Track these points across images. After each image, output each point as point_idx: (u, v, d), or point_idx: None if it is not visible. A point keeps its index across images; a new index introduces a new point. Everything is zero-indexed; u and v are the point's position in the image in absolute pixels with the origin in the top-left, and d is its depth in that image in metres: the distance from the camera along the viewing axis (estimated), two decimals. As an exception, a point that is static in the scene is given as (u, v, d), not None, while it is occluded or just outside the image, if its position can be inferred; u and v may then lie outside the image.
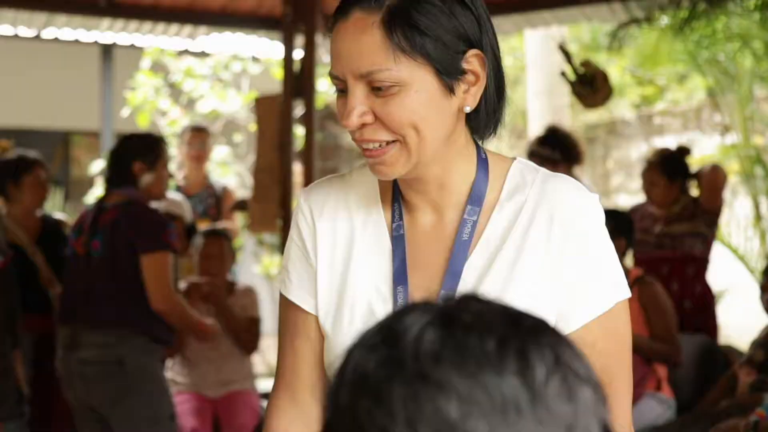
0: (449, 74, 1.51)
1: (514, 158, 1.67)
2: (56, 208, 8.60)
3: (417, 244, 1.64)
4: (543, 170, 1.64)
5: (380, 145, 1.54)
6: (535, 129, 9.88)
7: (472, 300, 0.90)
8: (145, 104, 7.98)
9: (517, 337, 0.85)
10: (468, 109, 1.55)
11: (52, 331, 4.87)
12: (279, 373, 1.76)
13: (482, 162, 1.63)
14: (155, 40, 7.77)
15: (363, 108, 1.52)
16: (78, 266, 4.29)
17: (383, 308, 1.63)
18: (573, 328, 1.58)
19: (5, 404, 4.22)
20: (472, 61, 1.53)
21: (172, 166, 5.70)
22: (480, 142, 1.65)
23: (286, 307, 1.73)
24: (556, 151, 5.70)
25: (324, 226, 1.69)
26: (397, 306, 1.61)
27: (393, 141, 1.53)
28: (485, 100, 1.57)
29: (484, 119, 1.60)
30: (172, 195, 5.96)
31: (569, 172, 5.77)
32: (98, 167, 8.22)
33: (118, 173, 4.35)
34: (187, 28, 7.18)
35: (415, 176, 1.60)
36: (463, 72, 1.53)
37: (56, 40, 7.81)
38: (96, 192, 8.17)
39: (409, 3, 1.49)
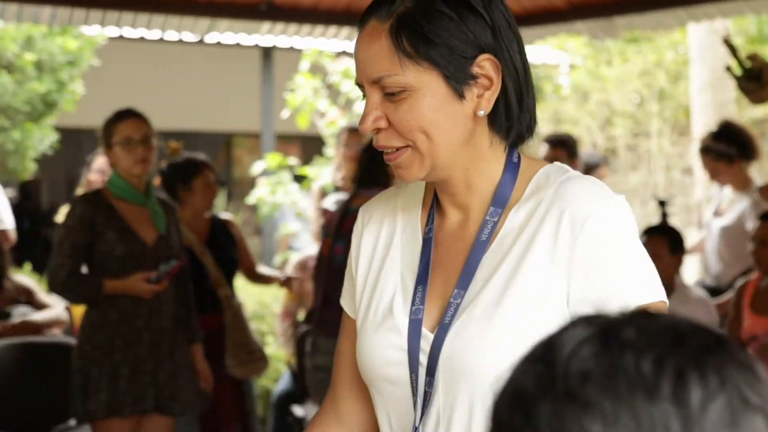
0: (458, 79, 1.56)
1: (553, 163, 1.68)
2: (219, 209, 8.81)
3: (443, 244, 1.69)
4: (572, 173, 1.64)
5: (393, 150, 1.60)
6: (700, 125, 9.61)
7: (640, 315, 0.86)
8: (304, 105, 8.08)
9: (678, 357, 0.80)
10: (482, 113, 1.58)
11: (220, 330, 4.98)
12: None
13: (512, 165, 1.65)
14: (314, 42, 7.86)
15: (377, 113, 1.58)
16: (321, 269, 4.33)
17: (403, 308, 1.67)
18: None
19: (178, 401, 4.32)
20: (484, 65, 1.57)
21: (331, 167, 5.74)
22: (508, 145, 1.66)
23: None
24: (732, 146, 5.55)
25: (368, 235, 1.77)
26: (414, 305, 1.66)
27: (405, 146, 1.59)
28: (504, 104, 1.61)
29: (503, 123, 1.62)
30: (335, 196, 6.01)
31: (744, 168, 5.60)
32: (259, 168, 8.37)
33: (369, 173, 4.34)
34: (345, 30, 7.24)
35: (440, 179, 1.65)
36: (474, 77, 1.57)
37: (218, 44, 8.00)
38: (258, 192, 8.32)
39: (416, 11, 1.56)
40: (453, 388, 1.60)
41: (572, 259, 1.56)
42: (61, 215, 5.82)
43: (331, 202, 5.46)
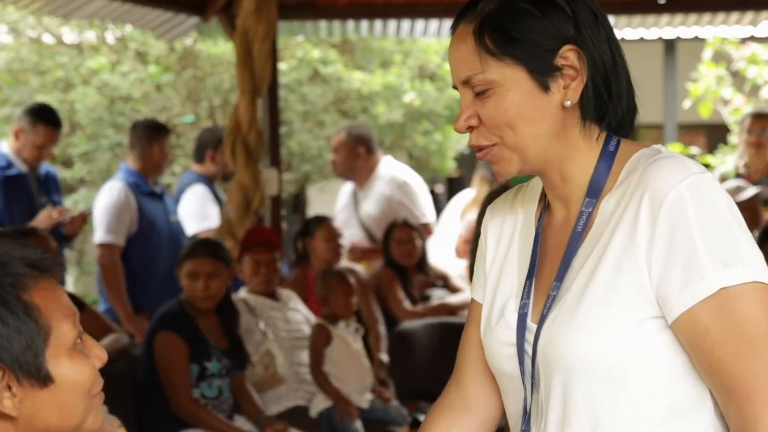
0: (542, 72, 1.58)
1: (650, 146, 1.65)
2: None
3: (550, 238, 1.69)
4: (662, 154, 1.61)
5: (484, 148, 1.64)
6: None
7: None
8: (707, 94, 8.08)
9: None
10: (569, 104, 1.59)
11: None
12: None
13: (607, 154, 1.64)
14: (716, 30, 7.85)
15: (469, 112, 1.62)
16: None
17: (514, 304, 1.69)
18: (676, 314, 1.53)
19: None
20: (568, 56, 1.58)
21: (735, 154, 5.73)
22: (607, 133, 1.66)
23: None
24: None
25: (492, 232, 1.79)
26: (522, 299, 1.68)
27: (492, 144, 1.62)
28: (594, 92, 1.60)
29: (594, 112, 1.62)
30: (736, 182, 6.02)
31: None
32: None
33: None
34: (749, 15, 7.19)
35: (535, 172, 1.67)
36: (559, 68, 1.59)
37: (622, 40, 8.20)
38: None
39: (498, 10, 1.60)
40: (549, 378, 1.61)
41: (653, 243, 1.53)
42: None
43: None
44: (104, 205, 5.72)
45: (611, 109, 1.63)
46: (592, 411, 1.57)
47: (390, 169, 6.42)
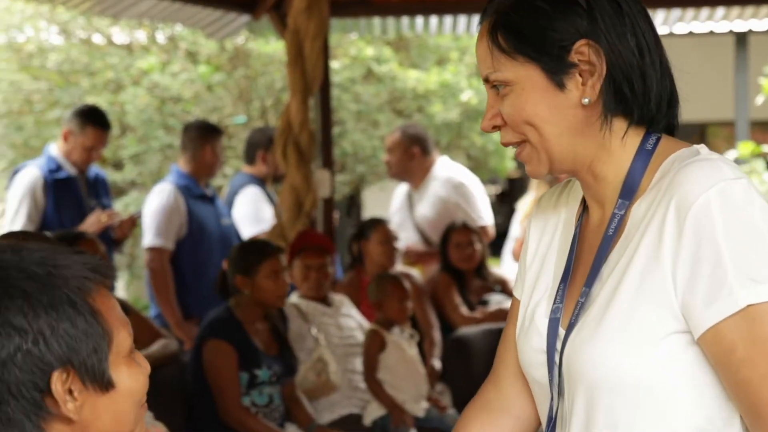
0: (555, 70, 1.54)
1: (691, 146, 1.57)
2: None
3: (586, 241, 1.64)
4: (700, 156, 1.52)
5: (515, 147, 1.61)
6: None
7: None
8: (778, 90, 7.84)
9: None
10: (587, 101, 1.54)
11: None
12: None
13: (644, 152, 1.57)
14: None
15: (493, 111, 1.60)
16: None
17: (545, 309, 1.64)
18: (701, 331, 1.46)
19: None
20: (583, 51, 1.53)
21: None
22: (646, 131, 1.59)
23: None
24: None
25: (534, 230, 1.75)
26: (555, 303, 1.62)
27: (522, 141, 1.59)
28: (613, 88, 1.54)
29: (617, 108, 1.56)
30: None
31: None
32: (731, 156, 8.22)
33: None
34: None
35: (565, 171, 1.62)
36: (574, 65, 1.54)
37: (690, 33, 7.98)
38: None
39: (509, 8, 1.57)
40: (573, 389, 1.56)
41: (678, 254, 1.46)
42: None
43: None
44: (153, 208, 5.68)
45: (637, 105, 1.57)
46: (612, 425, 1.54)
47: (446, 169, 6.32)
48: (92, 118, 5.61)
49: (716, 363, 1.48)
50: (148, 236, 5.66)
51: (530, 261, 1.73)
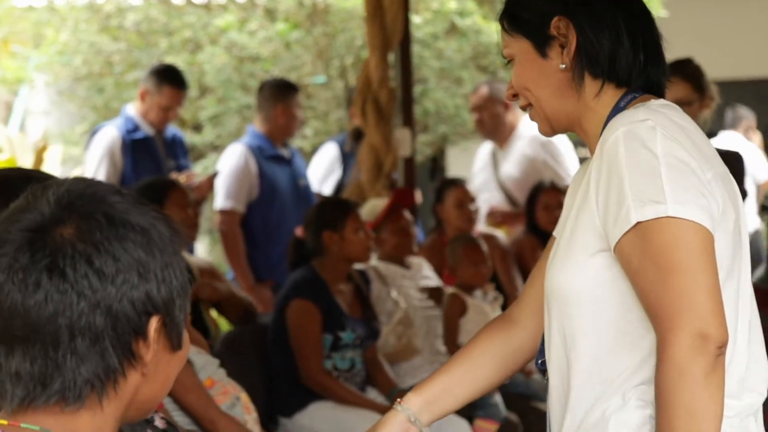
0: (539, 42, 1.91)
1: (650, 100, 1.86)
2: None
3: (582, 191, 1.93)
4: (642, 106, 1.83)
5: (527, 110, 1.97)
6: None
7: None
8: None
9: None
10: (563, 67, 1.89)
11: None
12: None
13: (617, 110, 1.88)
14: None
15: (510, 83, 1.98)
16: None
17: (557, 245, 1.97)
18: (612, 247, 1.78)
19: None
20: (559, 25, 1.90)
21: None
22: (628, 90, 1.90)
23: None
24: None
25: (575, 178, 2.06)
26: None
27: (528, 104, 1.95)
28: (589, 55, 1.88)
29: (595, 71, 1.89)
30: None
31: None
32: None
33: None
34: None
35: (565, 130, 1.97)
36: (553, 37, 1.90)
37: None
38: None
39: None
40: (548, 306, 1.90)
41: (598, 184, 1.79)
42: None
43: None
44: (225, 170, 5.63)
45: (603, 70, 1.89)
46: (562, 331, 1.86)
47: (532, 127, 6.09)
48: (168, 78, 5.59)
49: (626, 275, 1.78)
50: (219, 198, 5.62)
51: (566, 207, 1.99)
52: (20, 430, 1.24)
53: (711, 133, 5.01)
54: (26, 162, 7.11)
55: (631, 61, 1.88)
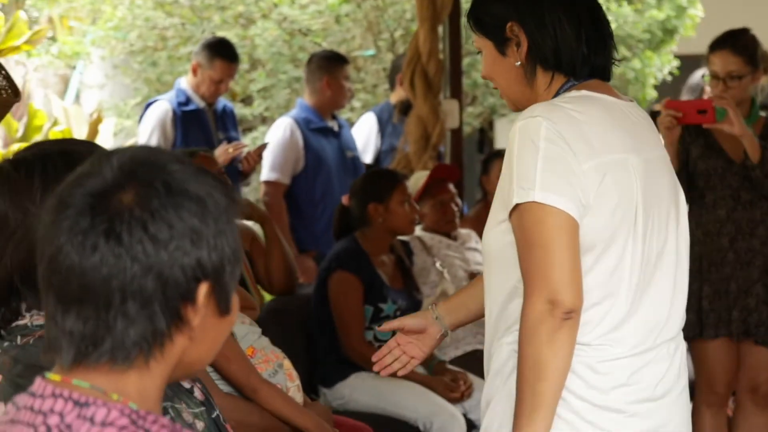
0: (498, 42, 2.23)
1: (571, 91, 2.19)
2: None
3: None
4: (547, 103, 2.15)
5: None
6: None
7: None
8: None
9: None
10: (518, 64, 2.22)
11: None
12: None
13: (557, 96, 2.20)
14: None
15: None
16: None
17: None
18: (508, 219, 2.12)
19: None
20: (513, 29, 2.21)
21: None
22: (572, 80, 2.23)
23: None
24: None
25: None
26: None
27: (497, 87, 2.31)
28: (538, 53, 2.20)
29: (545, 66, 2.20)
30: None
31: None
32: None
33: None
34: None
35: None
36: (509, 38, 2.21)
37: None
38: None
39: (475, 1, 2.30)
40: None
41: (505, 165, 2.12)
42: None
43: None
44: (271, 142, 5.67)
45: (550, 66, 2.20)
46: (484, 284, 2.24)
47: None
48: (220, 51, 5.64)
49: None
50: (264, 170, 5.68)
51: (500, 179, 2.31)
52: (71, 386, 1.27)
53: (765, 105, 4.92)
54: (81, 133, 7.21)
55: (575, 54, 2.19)
